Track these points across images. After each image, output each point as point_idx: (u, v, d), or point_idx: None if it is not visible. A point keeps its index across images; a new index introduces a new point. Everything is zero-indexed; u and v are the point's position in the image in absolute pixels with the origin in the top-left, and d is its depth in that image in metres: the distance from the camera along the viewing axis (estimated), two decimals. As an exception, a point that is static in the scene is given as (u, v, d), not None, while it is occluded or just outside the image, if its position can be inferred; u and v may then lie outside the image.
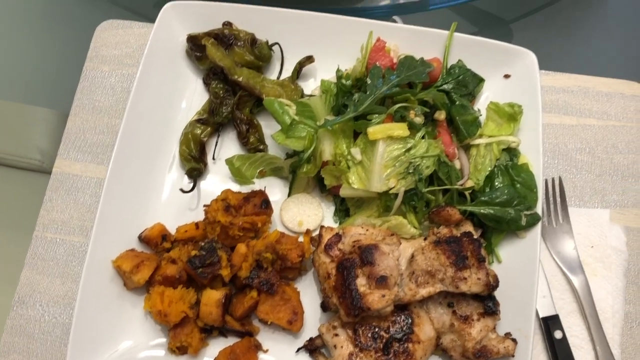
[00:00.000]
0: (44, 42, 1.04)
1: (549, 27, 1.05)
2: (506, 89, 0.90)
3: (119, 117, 0.97)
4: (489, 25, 1.02)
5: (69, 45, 1.07)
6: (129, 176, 0.86)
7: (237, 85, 0.89)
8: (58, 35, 1.04)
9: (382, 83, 0.83)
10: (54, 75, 1.02)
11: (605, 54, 1.02)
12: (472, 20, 1.04)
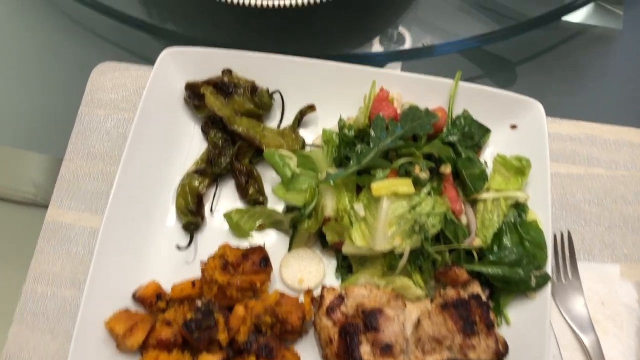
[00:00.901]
0: (37, 84, 1.02)
1: (554, 71, 1.03)
2: (513, 140, 0.88)
3: (114, 164, 0.94)
4: (493, 68, 1.00)
5: (64, 88, 1.04)
6: (124, 229, 0.83)
7: (237, 135, 0.86)
8: (52, 77, 1.02)
9: (385, 135, 0.81)
10: (48, 119, 0.99)
11: (612, 100, 1.00)
12: (476, 61, 1.02)
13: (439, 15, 1.02)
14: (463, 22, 1.01)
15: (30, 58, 1.07)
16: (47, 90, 1.04)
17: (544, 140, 0.84)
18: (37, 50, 1.07)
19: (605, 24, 1.04)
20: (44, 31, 1.08)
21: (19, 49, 1.07)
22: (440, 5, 1.03)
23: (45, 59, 1.07)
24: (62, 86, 1.05)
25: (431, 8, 1.02)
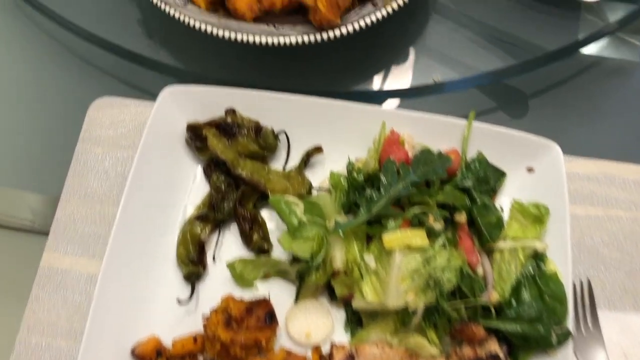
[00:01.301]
0: (31, 120, 0.98)
1: (570, 104, 0.99)
2: (530, 184, 0.84)
3: (112, 205, 0.90)
4: (505, 101, 0.97)
5: (60, 124, 1.00)
6: (123, 278, 0.79)
7: (241, 179, 0.82)
8: (48, 113, 0.98)
9: (397, 180, 0.77)
10: (43, 156, 0.96)
11: (632, 137, 0.96)
12: (487, 92, 0.98)
13: (449, 50, 0.98)
14: (475, 56, 0.97)
15: (24, 92, 1.03)
16: (42, 126, 1.01)
17: (563, 186, 0.80)
18: (32, 84, 1.04)
19: (623, 56, 1.01)
20: (39, 65, 1.04)
21: (11, 83, 1.03)
22: (450, 40, 0.99)
23: (40, 93, 1.03)
24: (58, 122, 1.01)
25: (441, 42, 0.99)
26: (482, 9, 1.02)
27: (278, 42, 0.84)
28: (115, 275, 0.79)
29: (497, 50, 0.99)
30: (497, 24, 1.01)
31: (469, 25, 1.01)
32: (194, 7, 0.87)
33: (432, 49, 0.99)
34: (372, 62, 0.98)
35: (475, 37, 1.00)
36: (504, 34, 1.00)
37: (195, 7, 0.87)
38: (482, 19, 1.01)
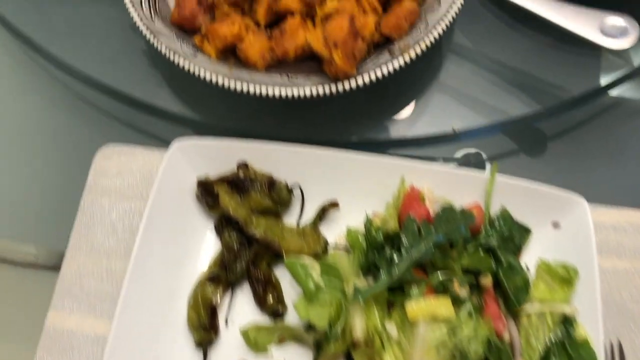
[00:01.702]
0: (35, 169, 0.95)
1: (592, 148, 0.96)
2: (556, 240, 0.80)
3: (119, 260, 0.87)
4: (524, 143, 0.92)
5: (65, 173, 0.97)
6: (132, 345, 0.76)
7: (254, 239, 0.79)
8: (52, 161, 0.95)
9: (418, 241, 0.74)
10: (47, 208, 0.92)
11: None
12: (506, 132, 0.94)
13: (468, 93, 0.95)
14: (495, 101, 0.94)
15: (27, 139, 1.00)
16: (47, 175, 0.97)
17: (591, 247, 0.77)
18: (36, 130, 1.00)
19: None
20: (44, 111, 1.01)
21: (14, 129, 1.00)
22: (469, 83, 0.95)
23: (44, 140, 1.00)
24: (63, 170, 0.98)
25: (460, 86, 0.95)
26: (500, 49, 0.99)
27: (292, 94, 0.81)
28: (124, 342, 0.75)
29: (519, 93, 0.95)
30: (518, 64, 0.98)
31: (488, 66, 0.97)
32: (204, 57, 0.84)
33: (451, 93, 0.95)
34: (386, 108, 0.94)
35: (494, 79, 0.96)
36: (525, 76, 0.97)
37: (205, 57, 0.84)
38: (502, 59, 0.98)
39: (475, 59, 0.98)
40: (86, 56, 0.97)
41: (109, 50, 0.99)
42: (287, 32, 0.83)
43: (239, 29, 0.83)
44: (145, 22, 0.85)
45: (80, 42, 0.99)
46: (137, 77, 0.96)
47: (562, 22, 0.83)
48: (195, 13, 0.86)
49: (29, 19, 1.02)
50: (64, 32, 1.01)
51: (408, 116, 0.93)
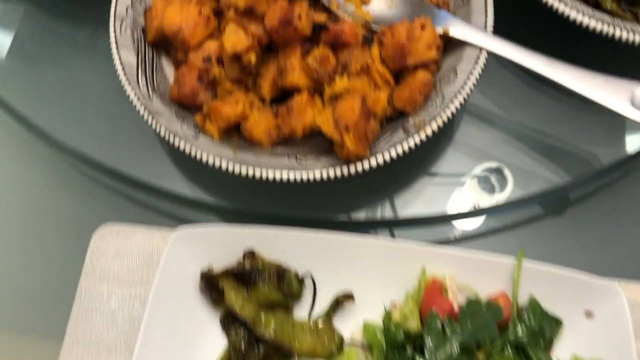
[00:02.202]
0: (29, 252, 0.90)
1: (615, 211, 0.90)
2: (589, 331, 0.74)
3: (120, 354, 0.81)
4: (547, 214, 0.86)
5: (61, 256, 0.92)
6: None
7: (263, 340, 0.73)
8: (47, 243, 0.90)
9: (443, 340, 0.68)
10: (42, 296, 0.87)
11: None
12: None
13: (488, 161, 0.89)
14: (518, 173, 0.88)
15: (20, 220, 0.95)
16: (42, 259, 0.92)
17: (629, 340, 0.71)
18: (30, 209, 0.95)
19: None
20: (37, 188, 0.96)
21: (5, 210, 0.95)
22: (489, 149, 0.90)
23: (38, 220, 0.94)
24: (59, 253, 0.92)
25: (478, 154, 0.90)
26: (522, 111, 0.93)
27: (300, 178, 0.76)
28: None
29: (544, 160, 0.89)
30: (541, 127, 0.92)
31: (509, 131, 0.92)
32: (206, 139, 0.79)
33: (468, 162, 0.90)
34: (400, 184, 0.88)
35: (516, 144, 0.91)
36: (549, 141, 0.91)
37: (207, 139, 0.79)
38: (524, 123, 0.92)
39: (494, 122, 0.93)
40: (83, 133, 0.93)
41: (106, 127, 0.94)
42: (294, 110, 0.78)
43: (242, 108, 0.78)
44: (142, 102, 0.80)
45: (75, 118, 0.95)
46: (136, 155, 0.91)
47: (589, 92, 0.77)
48: (196, 90, 0.81)
49: (24, 98, 0.98)
50: (60, 109, 0.96)
51: (423, 193, 0.87)
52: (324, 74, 0.77)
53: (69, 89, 0.97)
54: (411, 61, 0.80)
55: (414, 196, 0.87)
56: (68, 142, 0.92)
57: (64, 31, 1.05)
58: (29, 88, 0.99)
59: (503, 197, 0.85)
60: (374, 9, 0.89)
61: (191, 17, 0.81)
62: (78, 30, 1.05)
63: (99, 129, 0.93)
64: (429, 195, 0.87)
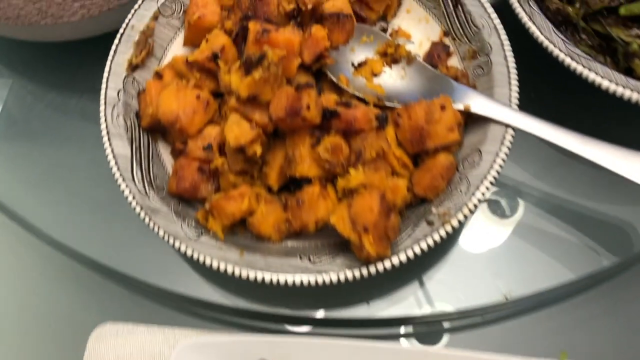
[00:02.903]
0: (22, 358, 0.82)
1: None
2: None
3: None
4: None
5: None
6: None
7: None
8: (41, 346, 0.82)
9: None
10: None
11: None
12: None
13: (521, 257, 0.81)
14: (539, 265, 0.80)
15: (11, 317, 0.87)
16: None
17: None
18: (20, 309, 0.88)
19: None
20: (32, 287, 0.89)
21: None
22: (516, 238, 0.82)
23: (31, 320, 0.87)
24: (54, 357, 0.85)
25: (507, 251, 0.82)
26: (551, 188, 0.86)
27: (315, 282, 0.68)
28: None
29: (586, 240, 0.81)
30: (570, 205, 0.84)
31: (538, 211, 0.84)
32: (209, 239, 0.72)
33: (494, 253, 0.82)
34: (422, 274, 0.81)
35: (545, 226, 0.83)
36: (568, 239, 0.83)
37: (210, 239, 0.72)
38: (551, 201, 0.85)
39: (522, 192, 0.85)
40: (75, 228, 0.86)
41: (100, 220, 0.87)
42: (306, 203, 0.71)
43: (248, 204, 0.71)
44: (138, 200, 0.73)
45: (68, 212, 0.88)
46: (135, 251, 0.83)
47: (625, 171, 0.70)
48: (196, 184, 0.74)
49: (19, 198, 0.91)
50: (50, 202, 0.89)
51: (444, 286, 0.79)
52: (337, 165, 0.71)
53: (60, 179, 0.91)
54: (431, 145, 0.73)
55: (439, 288, 0.79)
56: (59, 238, 0.85)
57: (53, 103, 0.99)
58: (23, 189, 0.92)
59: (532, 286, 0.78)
60: (386, 80, 0.82)
61: (189, 103, 0.75)
62: (67, 101, 0.99)
63: (93, 223, 0.86)
64: (451, 287, 0.79)
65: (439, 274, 0.80)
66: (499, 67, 0.78)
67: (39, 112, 1.01)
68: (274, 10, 0.74)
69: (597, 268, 0.79)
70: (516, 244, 0.82)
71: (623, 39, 0.81)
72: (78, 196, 0.88)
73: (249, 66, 0.68)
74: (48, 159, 0.93)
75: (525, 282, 0.78)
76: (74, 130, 0.96)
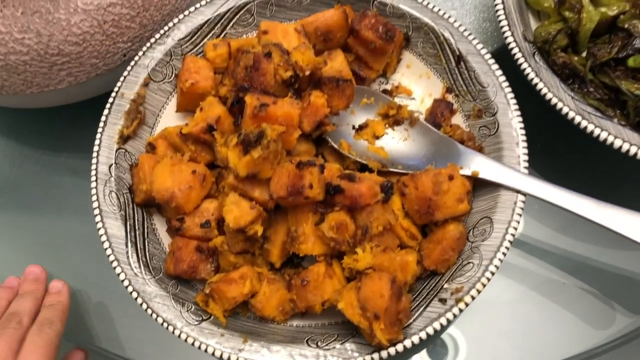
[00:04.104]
0: None
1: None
2: None
3: None
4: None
5: None
6: None
7: None
8: None
9: None
10: None
11: None
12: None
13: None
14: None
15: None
16: None
17: None
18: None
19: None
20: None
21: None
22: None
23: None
24: None
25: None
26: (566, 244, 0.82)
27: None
28: None
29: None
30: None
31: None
32: (210, 325, 0.68)
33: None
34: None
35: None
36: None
37: (212, 326, 0.68)
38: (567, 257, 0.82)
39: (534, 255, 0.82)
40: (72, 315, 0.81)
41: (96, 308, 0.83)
42: (311, 283, 0.67)
43: (250, 287, 0.68)
44: (134, 285, 0.69)
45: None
46: (132, 335, 0.79)
47: (625, 231, 0.67)
48: (195, 264, 0.70)
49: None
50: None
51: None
52: (343, 242, 0.67)
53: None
54: (440, 217, 0.69)
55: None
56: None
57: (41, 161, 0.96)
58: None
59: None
60: (389, 142, 0.79)
61: (184, 179, 0.71)
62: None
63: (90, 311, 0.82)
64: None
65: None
66: (507, 128, 0.74)
67: (30, 173, 0.97)
68: (271, 80, 0.71)
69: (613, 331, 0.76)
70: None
71: (632, 92, 0.78)
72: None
73: (247, 145, 0.65)
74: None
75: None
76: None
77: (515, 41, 0.80)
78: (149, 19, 0.82)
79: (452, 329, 0.80)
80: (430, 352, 0.80)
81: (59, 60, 0.78)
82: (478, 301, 0.78)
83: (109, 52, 0.81)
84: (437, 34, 0.81)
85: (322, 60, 0.74)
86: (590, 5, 0.81)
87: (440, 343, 0.80)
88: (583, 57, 0.82)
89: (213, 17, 0.84)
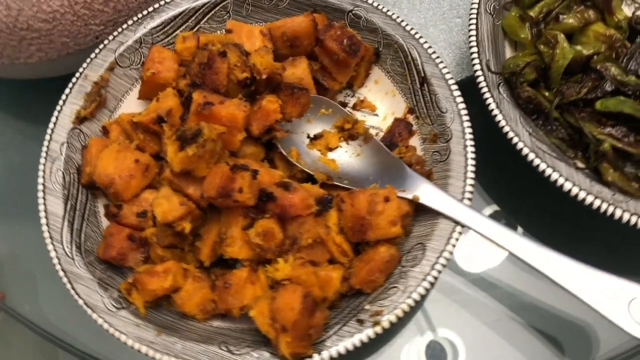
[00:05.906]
0: None
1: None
2: None
3: None
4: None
5: None
6: None
7: None
8: None
9: None
10: None
11: None
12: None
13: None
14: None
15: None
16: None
17: None
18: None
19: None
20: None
21: None
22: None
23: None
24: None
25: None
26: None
27: (230, 375, 0.65)
28: None
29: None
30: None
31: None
32: (129, 314, 0.68)
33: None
34: None
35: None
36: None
37: (129, 315, 0.68)
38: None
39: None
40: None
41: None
42: (232, 287, 0.67)
43: (172, 282, 0.68)
44: (62, 264, 0.70)
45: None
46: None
47: (580, 292, 0.65)
48: (124, 252, 0.71)
49: None
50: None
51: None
52: (268, 250, 0.67)
53: None
54: (372, 236, 0.69)
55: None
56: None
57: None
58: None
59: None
60: (341, 156, 0.78)
61: (126, 167, 0.72)
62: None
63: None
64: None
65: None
66: (457, 156, 0.73)
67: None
68: (223, 80, 0.71)
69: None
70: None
71: (595, 135, 0.76)
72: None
73: (184, 141, 0.65)
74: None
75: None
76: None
77: (481, 70, 0.78)
78: (123, 5, 0.83)
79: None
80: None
81: (28, 35, 0.79)
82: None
83: (81, 32, 0.83)
84: (405, 53, 0.80)
85: (280, 65, 0.74)
86: (566, 42, 0.79)
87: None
88: (552, 94, 0.80)
89: (188, 9, 0.85)
